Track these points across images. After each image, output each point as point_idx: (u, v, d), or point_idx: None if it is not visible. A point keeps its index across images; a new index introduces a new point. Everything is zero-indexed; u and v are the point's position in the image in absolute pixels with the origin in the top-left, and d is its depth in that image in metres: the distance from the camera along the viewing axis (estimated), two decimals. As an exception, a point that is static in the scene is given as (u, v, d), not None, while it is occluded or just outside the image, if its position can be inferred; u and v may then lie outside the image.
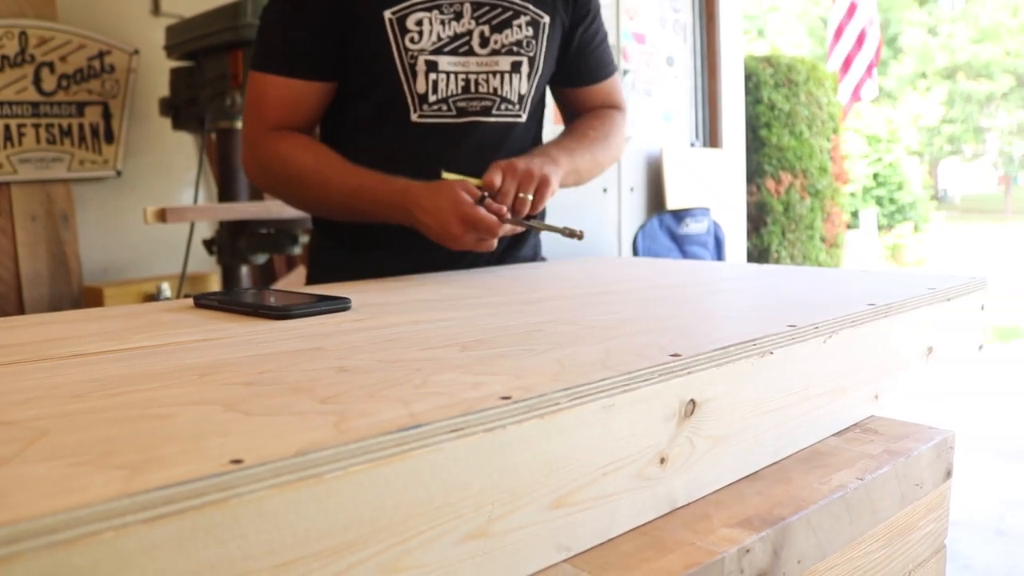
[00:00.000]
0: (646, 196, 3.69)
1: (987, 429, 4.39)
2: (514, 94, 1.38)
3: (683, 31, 3.93)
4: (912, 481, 0.77)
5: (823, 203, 5.58)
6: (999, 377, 5.58)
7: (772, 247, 5.20)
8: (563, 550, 0.55)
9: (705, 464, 0.64)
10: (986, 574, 2.78)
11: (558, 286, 1.09)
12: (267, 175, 1.36)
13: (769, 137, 5.28)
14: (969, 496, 3.45)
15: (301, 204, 1.40)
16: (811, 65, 5.73)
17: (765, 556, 0.59)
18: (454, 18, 1.31)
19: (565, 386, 0.54)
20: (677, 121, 3.89)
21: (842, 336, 0.79)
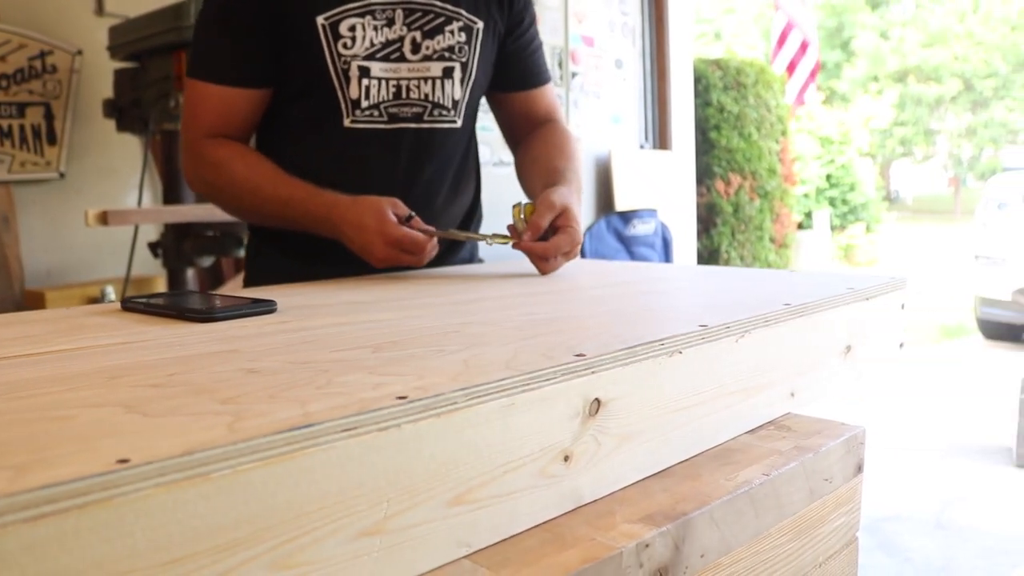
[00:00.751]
0: (595, 198, 3.72)
1: (930, 426, 4.48)
2: (447, 99, 1.38)
3: (632, 34, 3.96)
4: (821, 476, 0.79)
5: (772, 204, 5.66)
6: (943, 375, 5.70)
7: (722, 248, 5.26)
8: (464, 546, 0.55)
9: (611, 462, 0.66)
10: (926, 567, 2.83)
11: (487, 288, 1.10)
12: (203, 183, 1.37)
13: (718, 139, 5.35)
14: (911, 491, 3.53)
15: (235, 212, 1.41)
16: (760, 68, 5.81)
17: (666, 551, 0.60)
18: (386, 24, 1.32)
19: (463, 386, 0.55)
20: (626, 123, 3.92)
21: (755, 336, 0.81)
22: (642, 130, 4.04)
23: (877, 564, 2.86)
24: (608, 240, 3.42)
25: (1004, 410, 4.04)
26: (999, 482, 3.64)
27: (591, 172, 3.74)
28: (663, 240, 3.68)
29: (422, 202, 1.37)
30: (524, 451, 0.58)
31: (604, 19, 3.79)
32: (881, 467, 3.84)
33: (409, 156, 1.37)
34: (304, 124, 1.35)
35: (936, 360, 6.24)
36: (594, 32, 3.73)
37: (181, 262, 2.50)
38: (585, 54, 3.69)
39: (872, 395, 5.17)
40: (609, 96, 3.85)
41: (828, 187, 13.25)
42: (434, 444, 0.53)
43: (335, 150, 1.35)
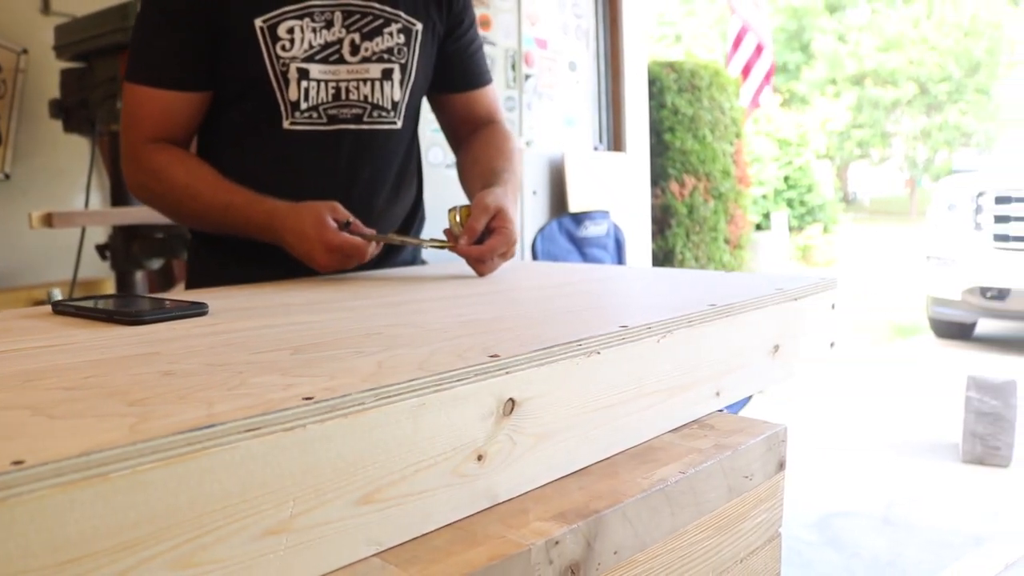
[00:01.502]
0: (549, 199, 3.74)
1: (881, 424, 4.55)
2: (387, 101, 1.39)
3: (586, 37, 3.99)
4: (741, 474, 0.81)
5: (726, 205, 5.72)
6: (895, 374, 5.79)
7: (677, 249, 5.31)
8: (374, 544, 0.56)
9: (527, 461, 0.67)
10: (873, 561, 2.88)
11: (422, 290, 1.11)
12: (143, 189, 1.36)
13: (673, 141, 5.40)
14: (861, 488, 3.58)
15: (176, 218, 1.40)
16: (714, 71, 5.87)
17: (577, 547, 0.62)
18: (325, 26, 1.32)
19: (372, 386, 0.56)
20: (580, 125, 3.95)
21: (678, 336, 0.83)
22: (596, 132, 4.06)
23: (826, 560, 2.90)
24: (560, 241, 3.44)
25: (952, 408, 4.11)
26: (946, 478, 3.71)
27: (545, 173, 3.76)
28: (616, 241, 3.71)
29: (362, 203, 1.37)
30: (436, 451, 0.59)
31: (558, 22, 3.81)
32: (832, 465, 3.90)
33: (349, 157, 1.38)
34: (244, 127, 1.35)
35: (889, 359, 6.34)
36: (547, 34, 3.75)
37: (130, 264, 2.47)
38: (538, 56, 3.72)
39: (825, 394, 5.24)
40: (563, 98, 3.87)
41: (786, 188, 13.40)
42: (341, 444, 0.54)
43: (275, 152, 1.35)
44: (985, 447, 3.86)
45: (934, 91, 23.81)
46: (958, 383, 3.92)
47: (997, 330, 7.31)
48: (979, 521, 3.20)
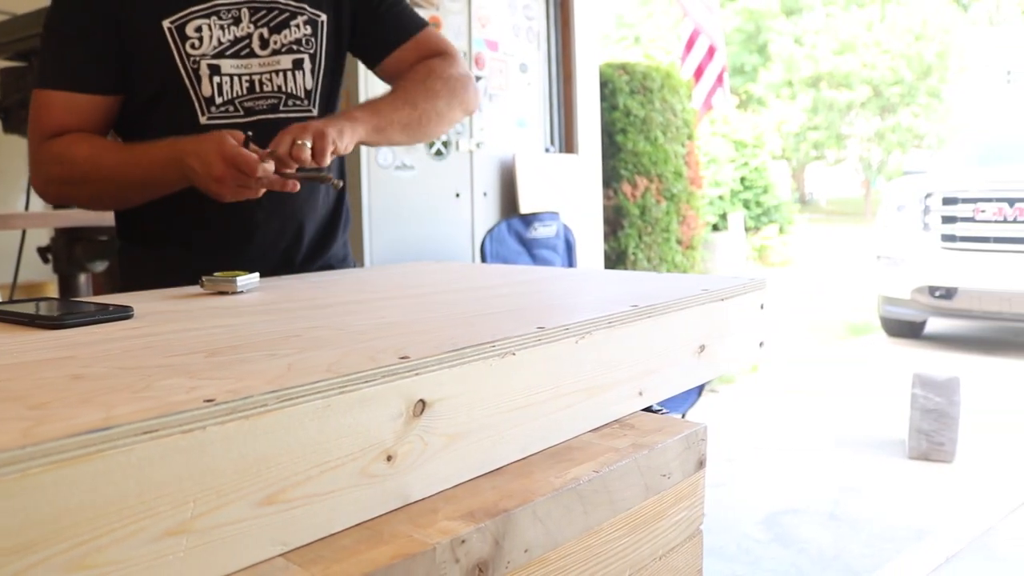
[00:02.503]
0: (499, 201, 3.75)
1: (831, 421, 4.62)
2: (300, 90, 1.42)
3: (537, 39, 4.01)
4: (658, 472, 0.82)
5: (679, 206, 5.78)
6: (847, 372, 5.88)
7: (629, 250, 5.35)
8: (279, 544, 0.57)
9: (440, 461, 0.68)
10: (819, 556, 2.93)
11: (351, 292, 1.11)
12: (50, 181, 1.37)
13: (625, 143, 5.44)
14: (809, 485, 3.64)
15: (88, 198, 1.41)
16: (666, 73, 5.93)
17: (484, 546, 0.63)
18: (232, 23, 1.35)
19: (276, 388, 0.56)
20: (531, 127, 3.96)
21: (597, 336, 0.84)
22: (547, 134, 4.09)
23: (773, 556, 2.94)
24: (509, 243, 3.45)
25: (900, 405, 4.18)
26: (891, 473, 3.77)
27: (496, 175, 3.77)
28: (566, 243, 3.73)
29: (282, 196, 1.38)
30: (342, 451, 0.60)
31: (508, 23, 3.82)
32: (782, 463, 3.95)
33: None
34: (161, 126, 1.35)
35: (841, 358, 6.44)
36: (498, 36, 3.76)
37: (72, 267, 2.44)
38: (489, 58, 3.73)
39: (776, 393, 5.31)
40: (514, 100, 3.89)
41: (742, 190, 13.53)
42: (243, 445, 0.54)
43: None
44: (930, 443, 3.93)
45: (887, 94, 24.19)
46: (907, 381, 3.99)
47: (946, 328, 7.45)
48: (922, 515, 3.27)
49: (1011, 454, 4.00)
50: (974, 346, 6.71)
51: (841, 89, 24.47)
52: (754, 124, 14.43)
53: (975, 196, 6.25)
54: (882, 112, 24.75)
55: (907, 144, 24.21)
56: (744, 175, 13.55)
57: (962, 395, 3.97)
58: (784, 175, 17.31)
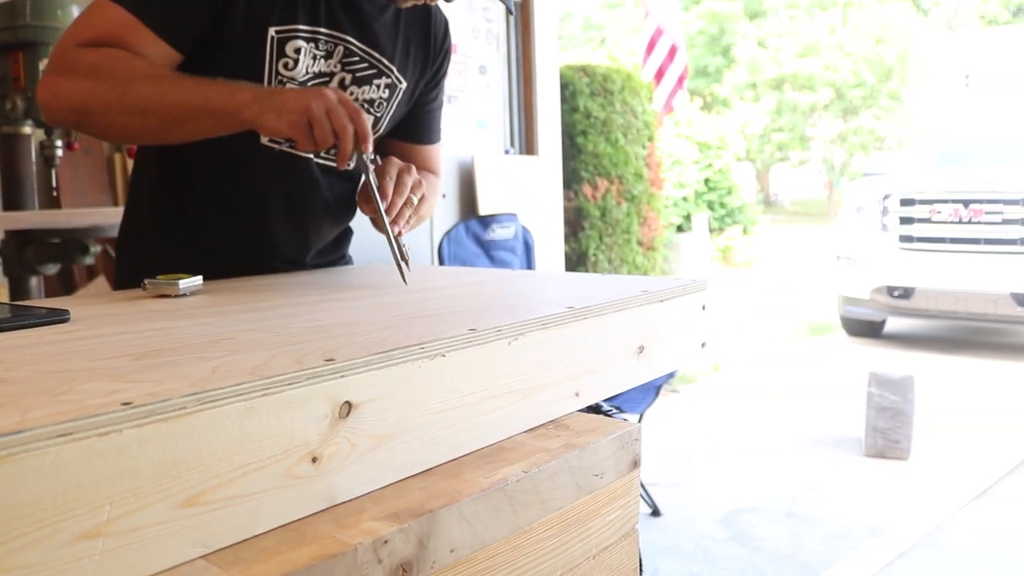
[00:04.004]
0: (459, 203, 3.76)
1: (790, 420, 4.67)
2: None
3: (496, 40, 4.02)
4: (590, 472, 0.83)
5: (639, 208, 5.82)
6: (807, 372, 5.95)
7: (590, 251, 5.38)
8: (201, 546, 0.57)
9: (368, 462, 0.68)
10: (775, 554, 2.96)
11: (298, 295, 1.11)
12: (70, 89, 1.16)
13: (586, 144, 5.47)
14: (767, 484, 3.68)
15: (117, 122, 1.18)
16: (626, 75, 5.96)
17: (408, 546, 0.63)
18: (325, 56, 1.30)
19: (196, 391, 0.57)
20: (491, 129, 3.97)
21: (531, 338, 0.85)
22: (507, 135, 4.10)
23: (730, 555, 2.97)
24: (467, 245, 3.46)
25: (858, 403, 4.24)
26: (848, 471, 3.82)
27: (456, 177, 3.78)
28: (525, 244, 3.75)
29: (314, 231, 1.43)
30: (265, 453, 0.60)
31: (467, 25, 3.83)
32: (741, 462, 3.99)
33: (311, 185, 1.39)
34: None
35: (801, 357, 6.51)
36: (457, 38, 3.77)
37: (24, 270, 2.41)
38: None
39: (737, 393, 5.36)
40: (473, 102, 3.90)
41: (707, 191, 13.63)
42: (161, 448, 0.54)
43: (244, 166, 1.33)
44: (886, 441, 3.99)
45: (849, 96, 24.48)
46: (865, 380, 4.05)
47: (904, 327, 7.56)
48: (877, 512, 3.32)
49: (964, 451, 4.07)
50: (932, 345, 6.82)
51: (804, 91, 24.73)
52: (718, 126, 14.53)
53: (932, 197, 6.35)
54: (845, 114, 25.04)
55: (869, 146, 24.50)
56: (708, 177, 13.65)
57: (919, 393, 4.03)
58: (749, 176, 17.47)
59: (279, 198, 1.37)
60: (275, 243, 1.41)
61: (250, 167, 1.34)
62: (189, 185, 1.36)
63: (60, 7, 2.21)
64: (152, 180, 1.40)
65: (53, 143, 2.35)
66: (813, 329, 7.67)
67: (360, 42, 1.34)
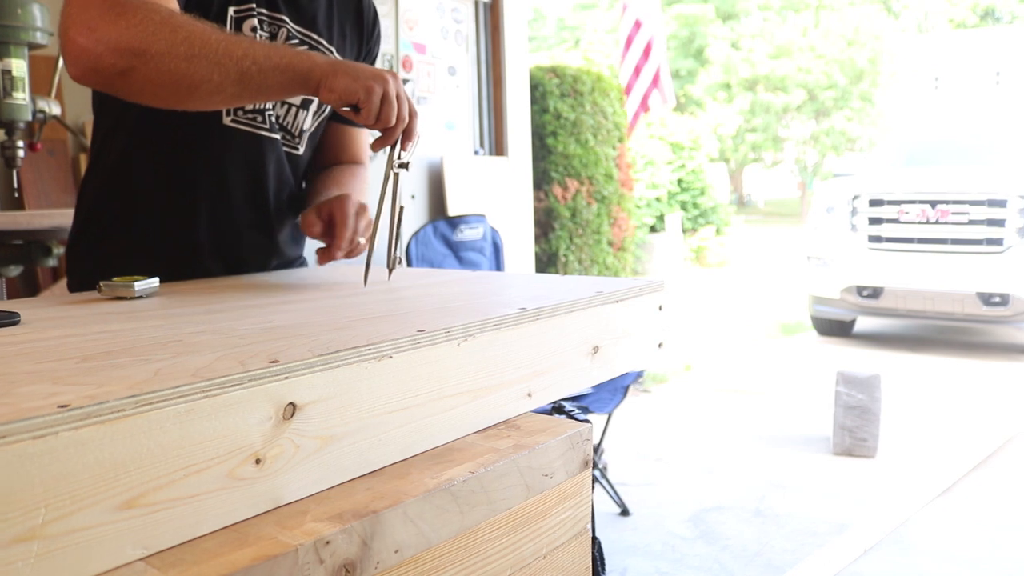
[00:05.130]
0: (427, 203, 3.76)
1: (760, 419, 4.71)
2: (296, 128, 1.41)
3: (465, 42, 4.02)
4: (540, 472, 0.84)
5: (610, 208, 5.84)
6: (777, 371, 5.99)
7: (560, 252, 5.40)
8: (140, 548, 0.57)
9: (313, 463, 0.69)
10: (742, 552, 2.99)
11: (253, 296, 1.11)
12: (119, 40, 1.04)
13: (555, 145, 5.49)
14: (736, 482, 3.70)
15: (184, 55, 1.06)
16: (596, 76, 5.99)
17: (351, 547, 0.64)
18: (270, 37, 1.31)
19: (135, 393, 0.57)
20: (460, 130, 3.98)
21: (481, 339, 0.86)
22: (476, 136, 4.10)
23: (697, 553, 2.99)
24: (435, 246, 3.46)
25: (827, 402, 4.28)
26: (816, 469, 3.86)
27: (424, 178, 3.78)
28: (493, 245, 3.75)
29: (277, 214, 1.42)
30: (207, 455, 0.61)
31: (436, 26, 3.83)
32: (710, 461, 4.02)
33: (275, 165, 1.39)
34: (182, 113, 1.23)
35: (772, 356, 6.55)
36: (426, 39, 3.77)
37: (-15, 271, 2.39)
38: (417, 61, 3.73)
39: (707, 392, 5.39)
40: (442, 103, 3.90)
41: (680, 191, 13.70)
42: (99, 450, 0.54)
43: (207, 144, 1.32)
44: (853, 439, 4.03)
45: (822, 97, 24.70)
46: (834, 379, 4.09)
47: (874, 327, 7.63)
48: (844, 509, 3.35)
49: (930, 448, 4.12)
50: (900, 344, 6.89)
51: (777, 92, 24.93)
52: (691, 127, 14.61)
53: (900, 198, 6.42)
54: (817, 115, 25.27)
55: (841, 147, 24.74)
56: (681, 177, 13.72)
57: (887, 392, 4.08)
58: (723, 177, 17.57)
59: (241, 178, 1.37)
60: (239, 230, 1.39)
61: (212, 150, 1.33)
62: (149, 174, 1.34)
63: (20, 6, 2.19)
64: (110, 174, 1.37)
65: (15, 144, 2.33)
66: (784, 329, 7.72)
67: (296, 23, 1.34)
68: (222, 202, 1.36)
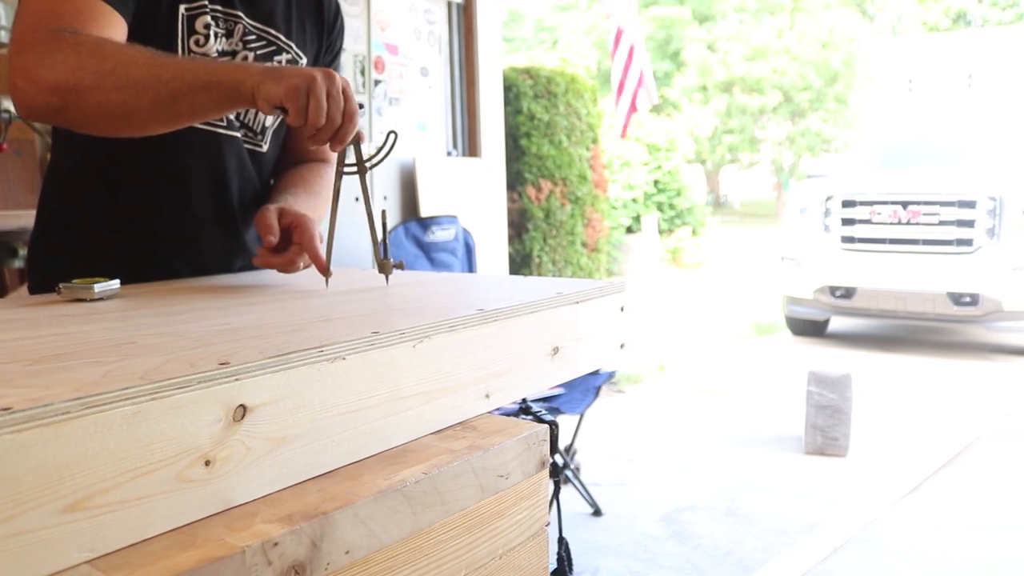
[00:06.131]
0: (400, 205, 3.76)
1: (732, 419, 4.74)
2: (258, 124, 1.41)
3: (438, 43, 4.02)
4: (495, 473, 0.84)
5: (583, 210, 5.86)
6: (751, 370, 6.03)
7: (534, 253, 5.41)
8: (87, 551, 0.57)
9: (264, 465, 0.69)
10: (714, 551, 3.01)
11: (215, 297, 1.11)
12: (58, 78, 1.08)
13: (529, 146, 5.50)
14: (710, 481, 3.72)
15: (96, 104, 1.10)
16: (571, 78, 6.01)
17: (300, 548, 0.64)
18: (226, 34, 1.31)
19: (80, 396, 0.57)
20: (433, 131, 3.98)
21: (437, 341, 0.86)
22: (449, 137, 4.10)
23: (669, 553, 3.01)
24: (407, 247, 3.46)
25: (800, 401, 4.31)
26: (788, 469, 3.89)
27: (396, 179, 3.78)
28: (466, 246, 3.75)
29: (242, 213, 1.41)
30: (155, 457, 0.61)
31: (409, 27, 3.83)
32: (683, 461, 4.04)
33: (235, 162, 1.38)
34: None
35: (747, 356, 6.60)
36: (398, 40, 3.77)
37: (-49, 272, 2.37)
38: (389, 62, 3.73)
39: (683, 392, 5.42)
40: (414, 104, 3.90)
41: (656, 192, 13.76)
42: (43, 453, 0.54)
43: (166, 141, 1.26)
44: (825, 438, 4.07)
45: (797, 99, 24.87)
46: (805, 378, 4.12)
47: (847, 327, 7.70)
48: (815, 508, 3.38)
49: (900, 446, 4.17)
50: (873, 344, 6.96)
51: (753, 94, 25.07)
52: (667, 129, 14.68)
53: (872, 199, 6.48)
54: (793, 117, 25.44)
55: (817, 148, 24.92)
56: (658, 178, 13.78)
57: (859, 391, 4.12)
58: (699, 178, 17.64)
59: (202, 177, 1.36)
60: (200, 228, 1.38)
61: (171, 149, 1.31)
62: (112, 174, 1.33)
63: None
64: (70, 175, 1.37)
65: (-19, 144, 2.31)
66: (759, 329, 7.77)
67: (252, 19, 1.35)
68: (182, 201, 1.35)
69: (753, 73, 24.98)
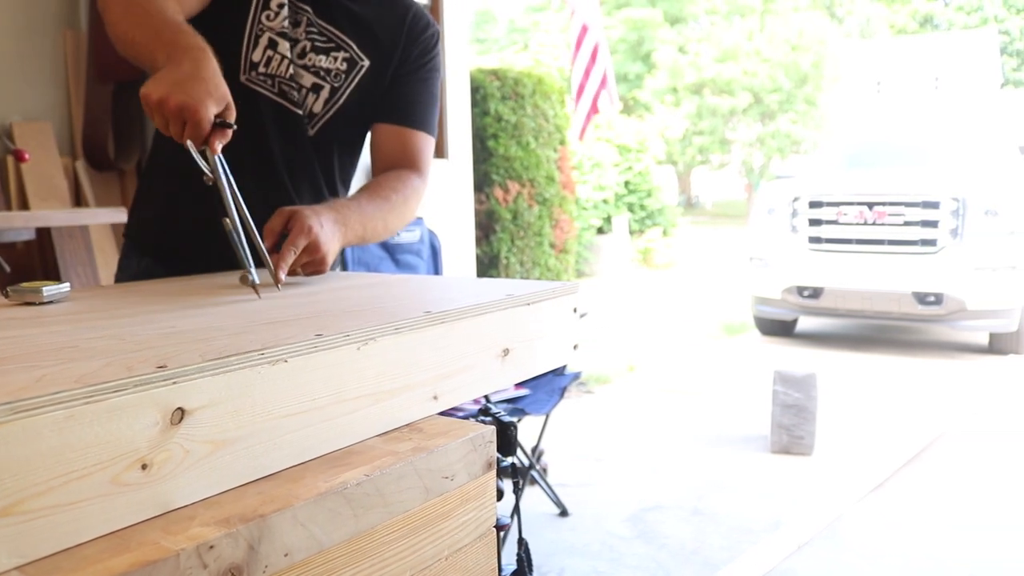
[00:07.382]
0: (366, 206, 3.74)
1: (700, 419, 4.77)
2: (304, 109, 1.47)
3: (405, 44, 4.01)
4: (440, 474, 0.85)
5: (551, 211, 5.88)
6: (719, 370, 6.07)
7: (502, 254, 5.42)
8: (16, 557, 0.57)
9: (204, 468, 0.69)
10: (680, 550, 3.03)
11: (165, 301, 1.11)
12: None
13: (496, 148, 5.51)
14: (676, 481, 3.75)
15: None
16: (538, 79, 6.02)
17: (237, 551, 0.64)
18: (294, 22, 1.44)
19: (9, 400, 0.57)
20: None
21: (383, 343, 0.86)
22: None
23: (635, 552, 3.02)
24: (372, 249, 3.45)
25: (767, 401, 4.34)
26: (754, 468, 3.92)
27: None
28: (431, 248, 3.75)
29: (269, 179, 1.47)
30: (89, 461, 0.61)
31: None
32: (649, 461, 4.06)
33: (279, 133, 1.47)
34: None
35: (715, 356, 6.64)
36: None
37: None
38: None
39: (651, 392, 5.45)
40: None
41: (627, 193, 13.81)
42: (-29, 459, 0.54)
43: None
44: (790, 437, 4.10)
45: (767, 101, 25.06)
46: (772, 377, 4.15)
47: (815, 326, 7.77)
48: (780, 507, 3.41)
49: (865, 444, 4.21)
50: (840, 343, 7.02)
51: (724, 95, 25.24)
52: (638, 130, 14.74)
53: (838, 200, 6.54)
54: (763, 118, 25.63)
55: (786, 149, 25.12)
56: (628, 179, 13.84)
57: (825, 390, 4.16)
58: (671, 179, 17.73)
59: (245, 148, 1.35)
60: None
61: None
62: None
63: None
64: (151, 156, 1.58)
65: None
66: (728, 329, 7.83)
67: (318, 17, 1.47)
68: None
69: (723, 75, 25.15)
